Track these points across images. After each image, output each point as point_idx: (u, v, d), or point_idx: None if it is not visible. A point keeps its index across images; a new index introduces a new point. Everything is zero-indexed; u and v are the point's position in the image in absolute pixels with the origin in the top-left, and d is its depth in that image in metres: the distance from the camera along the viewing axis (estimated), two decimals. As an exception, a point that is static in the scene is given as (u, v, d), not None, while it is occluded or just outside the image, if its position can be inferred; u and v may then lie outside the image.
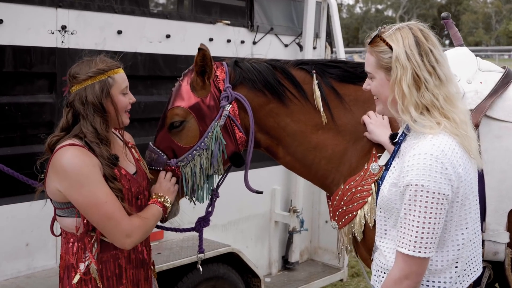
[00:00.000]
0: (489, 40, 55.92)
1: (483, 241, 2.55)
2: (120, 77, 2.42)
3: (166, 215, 2.57)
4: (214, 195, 2.78)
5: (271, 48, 4.53)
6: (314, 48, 4.81)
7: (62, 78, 3.19)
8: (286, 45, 4.66)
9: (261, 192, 2.86)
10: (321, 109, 2.66)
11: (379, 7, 68.89)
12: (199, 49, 2.56)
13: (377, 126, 2.59)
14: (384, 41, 2.00)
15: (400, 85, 1.95)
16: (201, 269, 3.01)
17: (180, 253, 3.80)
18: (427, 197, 1.85)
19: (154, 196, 2.53)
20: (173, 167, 2.62)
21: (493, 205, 2.56)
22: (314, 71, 2.71)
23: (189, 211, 3.80)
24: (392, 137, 2.30)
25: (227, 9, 4.21)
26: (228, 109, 2.62)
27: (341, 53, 4.94)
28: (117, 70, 2.42)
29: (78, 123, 2.36)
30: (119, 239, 2.30)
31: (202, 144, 2.61)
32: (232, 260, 4.00)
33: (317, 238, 5.21)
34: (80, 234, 2.34)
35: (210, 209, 2.82)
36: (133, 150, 2.62)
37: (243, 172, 2.74)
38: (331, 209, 2.79)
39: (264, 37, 4.47)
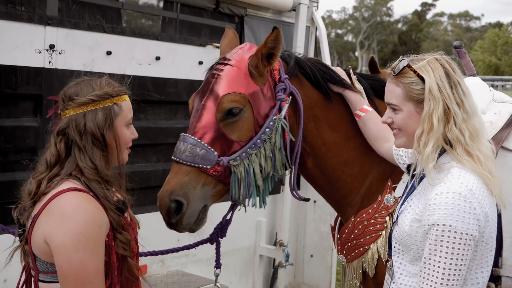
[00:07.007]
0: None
1: (499, 277, 2.58)
2: (127, 106, 2.17)
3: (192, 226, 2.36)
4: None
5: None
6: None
7: (47, 98, 3.14)
8: (274, 70, 4.71)
9: (308, 200, 2.76)
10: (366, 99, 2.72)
11: (339, 31, 70.52)
12: (274, 27, 2.42)
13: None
14: (414, 72, 2.02)
15: (431, 119, 1.97)
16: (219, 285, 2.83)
17: (166, 290, 3.76)
18: (454, 237, 1.86)
19: None
20: (224, 166, 2.40)
21: (510, 239, 2.59)
22: (350, 66, 2.81)
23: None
24: (408, 166, 2.30)
25: (217, 32, 4.25)
26: (289, 102, 2.53)
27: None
28: (124, 97, 2.17)
29: (70, 156, 2.06)
30: None
31: (259, 140, 2.46)
32: (218, 297, 3.96)
33: (301, 273, 5.23)
34: None
35: (228, 218, 2.66)
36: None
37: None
38: (339, 242, 2.81)
39: (253, 61, 4.51)
